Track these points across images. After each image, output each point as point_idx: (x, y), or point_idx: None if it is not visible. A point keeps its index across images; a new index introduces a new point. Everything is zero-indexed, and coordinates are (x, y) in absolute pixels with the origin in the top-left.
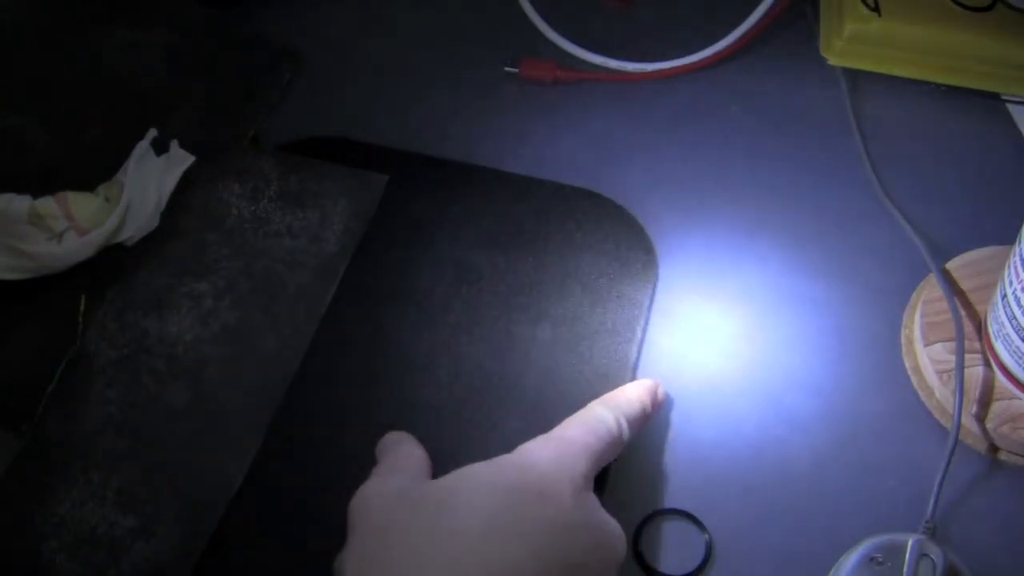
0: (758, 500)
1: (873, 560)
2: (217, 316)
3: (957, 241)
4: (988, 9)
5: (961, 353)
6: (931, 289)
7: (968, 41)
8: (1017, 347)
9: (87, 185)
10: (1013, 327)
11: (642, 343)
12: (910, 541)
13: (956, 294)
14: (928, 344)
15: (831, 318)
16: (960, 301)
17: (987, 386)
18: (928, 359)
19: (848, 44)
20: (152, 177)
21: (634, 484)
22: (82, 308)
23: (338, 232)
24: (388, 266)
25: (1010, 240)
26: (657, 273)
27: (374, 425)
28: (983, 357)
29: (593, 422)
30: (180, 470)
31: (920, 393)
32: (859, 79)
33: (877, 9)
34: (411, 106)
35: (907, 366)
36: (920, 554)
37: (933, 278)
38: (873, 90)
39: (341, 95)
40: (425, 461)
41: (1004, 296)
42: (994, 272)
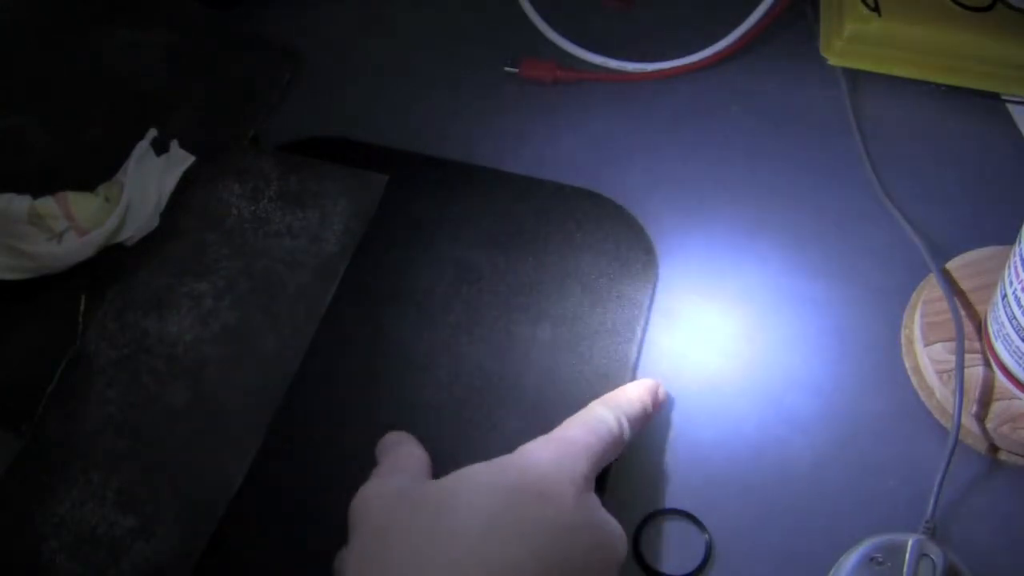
0: (758, 500)
1: (873, 560)
2: (217, 316)
3: (957, 241)
4: (988, 9)
5: (961, 353)
6: (931, 289)
7: (968, 41)
8: (1017, 347)
9: (87, 185)
10: (1013, 327)
11: (642, 343)
12: (910, 541)
13: (956, 294)
14: (928, 344)
15: (831, 318)
16: (960, 301)
17: (987, 386)
18: (928, 359)
19: (848, 44)
20: (152, 177)
21: (634, 484)
22: (82, 308)
23: (338, 232)
24: (388, 266)
25: (1010, 240)
26: (657, 273)
27: (374, 425)
28: (983, 357)
29: (594, 422)
30: (180, 470)
31: (920, 393)
32: (859, 79)
33: (877, 9)
34: (411, 106)
35: (907, 366)
36: (920, 554)
37: (933, 278)
38: (873, 90)
39: (341, 95)
40: (425, 461)
41: (1004, 296)
42: (994, 272)
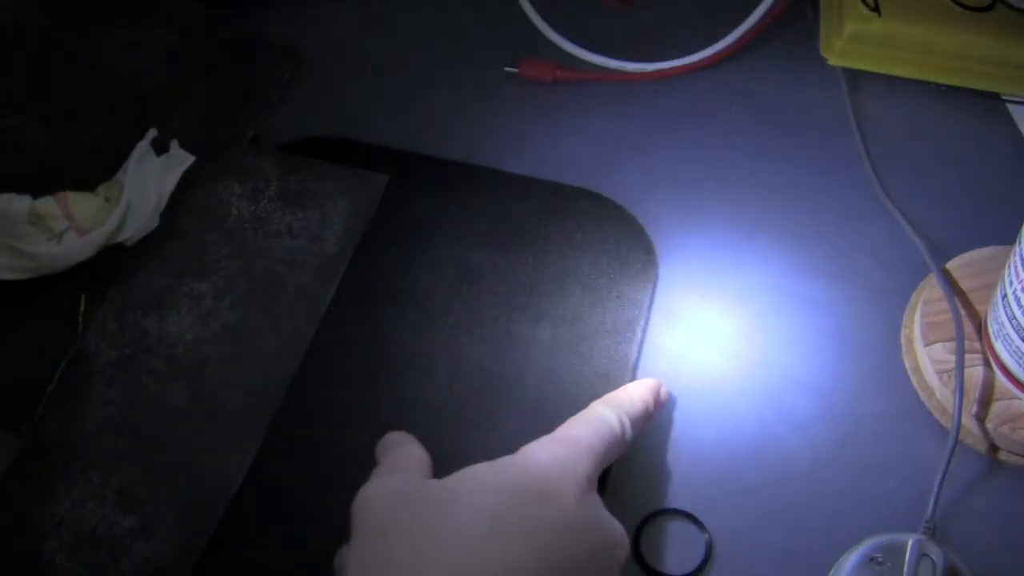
0: (758, 500)
1: (873, 560)
2: (217, 316)
3: (957, 241)
4: (988, 9)
5: (961, 353)
6: (931, 289)
7: (968, 41)
8: (1017, 347)
9: (87, 185)
10: (1013, 327)
11: (642, 343)
12: (910, 541)
13: (956, 294)
14: (928, 344)
15: (831, 318)
16: (960, 301)
17: (987, 386)
18: (928, 359)
19: (848, 44)
20: (152, 177)
21: (634, 484)
22: (82, 308)
23: (338, 232)
24: (388, 266)
25: (1010, 240)
26: (657, 273)
27: (374, 425)
28: (983, 357)
29: (596, 422)
30: (180, 470)
31: (920, 393)
32: (859, 79)
33: (877, 9)
34: (411, 106)
35: (907, 366)
36: (920, 554)
37: (933, 278)
38: (873, 90)
39: (341, 95)
40: (426, 461)
41: (1004, 296)
42: (994, 272)
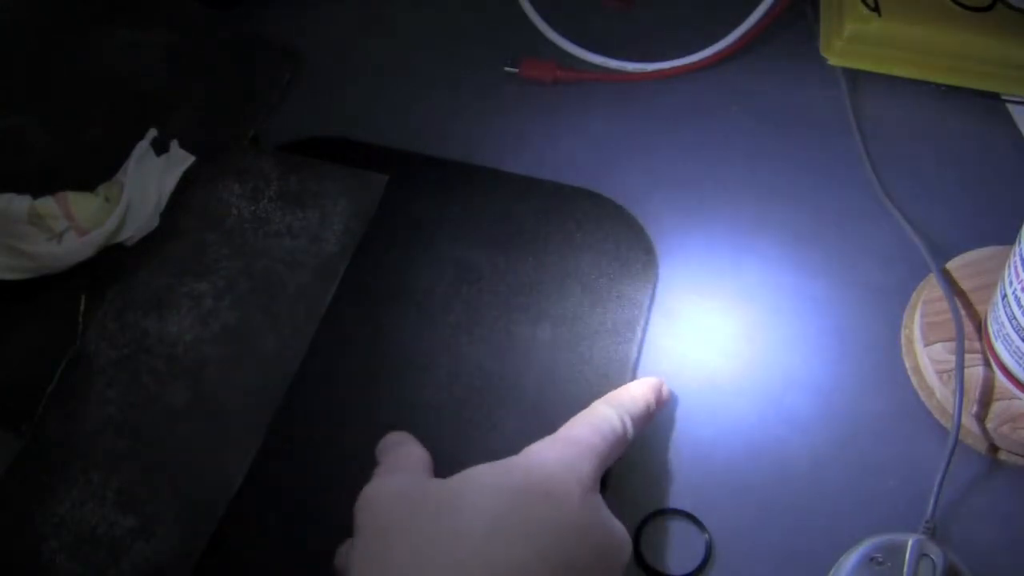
0: (758, 500)
1: (873, 560)
2: (217, 316)
3: (957, 241)
4: (988, 9)
5: (961, 353)
6: (931, 289)
7: (968, 41)
8: (1017, 347)
9: (87, 185)
10: (1013, 327)
11: (642, 343)
12: (910, 541)
13: (956, 294)
14: (928, 344)
15: (831, 318)
16: (960, 301)
17: (987, 386)
18: (928, 359)
19: (848, 44)
20: (152, 177)
21: (634, 484)
22: (82, 308)
23: (338, 232)
24: (388, 266)
25: (1010, 240)
26: (657, 273)
27: (374, 425)
28: (983, 357)
29: (598, 421)
30: (180, 470)
31: (920, 393)
32: (859, 79)
33: (877, 9)
34: (411, 106)
35: (907, 366)
36: (920, 554)
37: (933, 278)
38: (873, 90)
39: (341, 95)
40: (427, 461)
41: (1004, 296)
42: (994, 272)
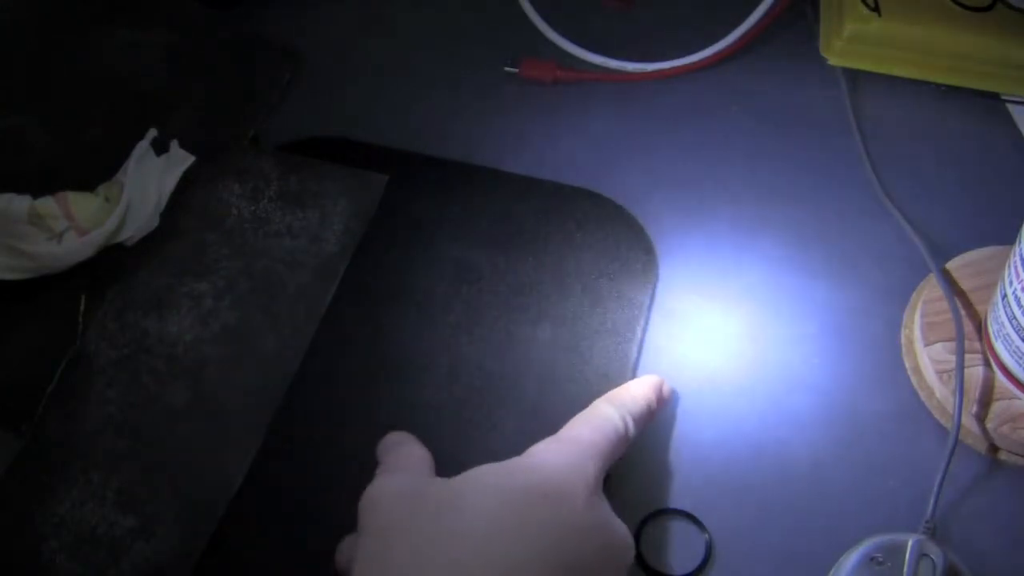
0: (758, 500)
1: (873, 560)
2: (217, 316)
3: (957, 241)
4: (988, 9)
5: (961, 353)
6: (931, 289)
7: (968, 41)
8: (1017, 347)
9: (87, 185)
10: (1013, 327)
11: (642, 343)
12: (910, 541)
13: (956, 294)
14: (928, 344)
15: (831, 318)
16: (960, 301)
17: (987, 386)
18: (928, 359)
19: (848, 44)
20: (152, 177)
21: (634, 484)
22: (82, 308)
23: (338, 232)
24: (388, 266)
25: (1010, 240)
26: (657, 273)
27: (374, 425)
28: (983, 357)
29: (600, 421)
30: (180, 470)
31: (920, 393)
32: (859, 79)
33: (877, 9)
34: (411, 106)
35: (907, 366)
36: (920, 554)
37: (933, 278)
38: (873, 90)
39: (341, 95)
40: (428, 460)
41: (1004, 296)
42: (994, 272)
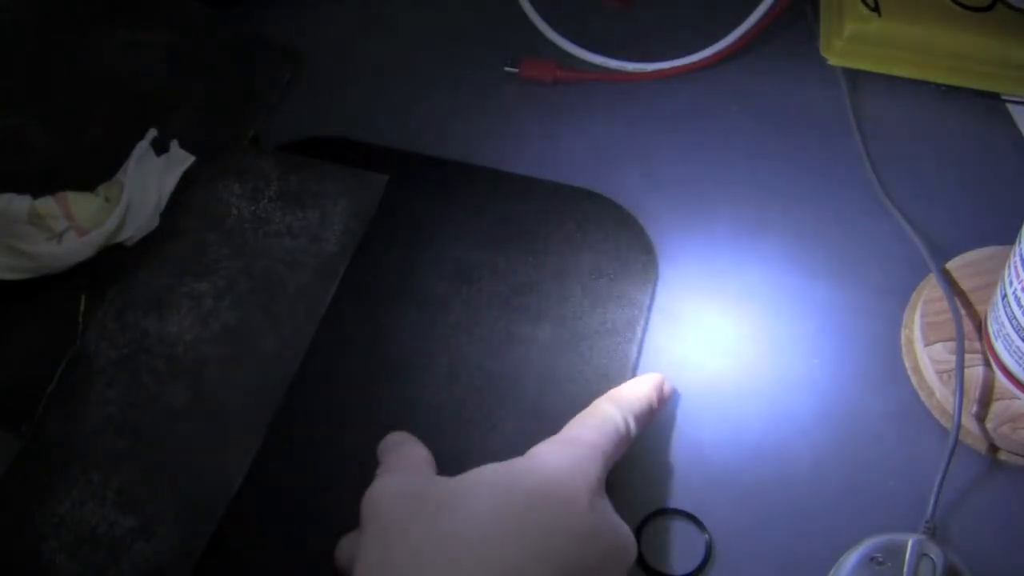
0: (758, 500)
1: (873, 560)
2: (217, 316)
3: (957, 241)
4: (988, 9)
5: (961, 353)
6: (931, 289)
7: (968, 41)
8: (1017, 347)
9: (87, 185)
10: (1013, 327)
11: (642, 343)
12: (910, 541)
13: (956, 294)
14: (928, 344)
15: (831, 318)
16: (960, 301)
17: (987, 386)
18: (928, 359)
19: (848, 44)
20: (152, 177)
21: (635, 484)
22: (82, 308)
23: (338, 232)
24: (388, 266)
25: (1010, 240)
26: (657, 273)
27: (374, 425)
28: (983, 357)
29: (601, 421)
30: (180, 470)
31: (920, 393)
32: (859, 79)
33: (877, 9)
34: (411, 106)
35: (907, 366)
36: (920, 554)
37: (933, 278)
38: (873, 90)
39: (341, 95)
40: (429, 460)
41: (1004, 296)
42: (994, 272)
